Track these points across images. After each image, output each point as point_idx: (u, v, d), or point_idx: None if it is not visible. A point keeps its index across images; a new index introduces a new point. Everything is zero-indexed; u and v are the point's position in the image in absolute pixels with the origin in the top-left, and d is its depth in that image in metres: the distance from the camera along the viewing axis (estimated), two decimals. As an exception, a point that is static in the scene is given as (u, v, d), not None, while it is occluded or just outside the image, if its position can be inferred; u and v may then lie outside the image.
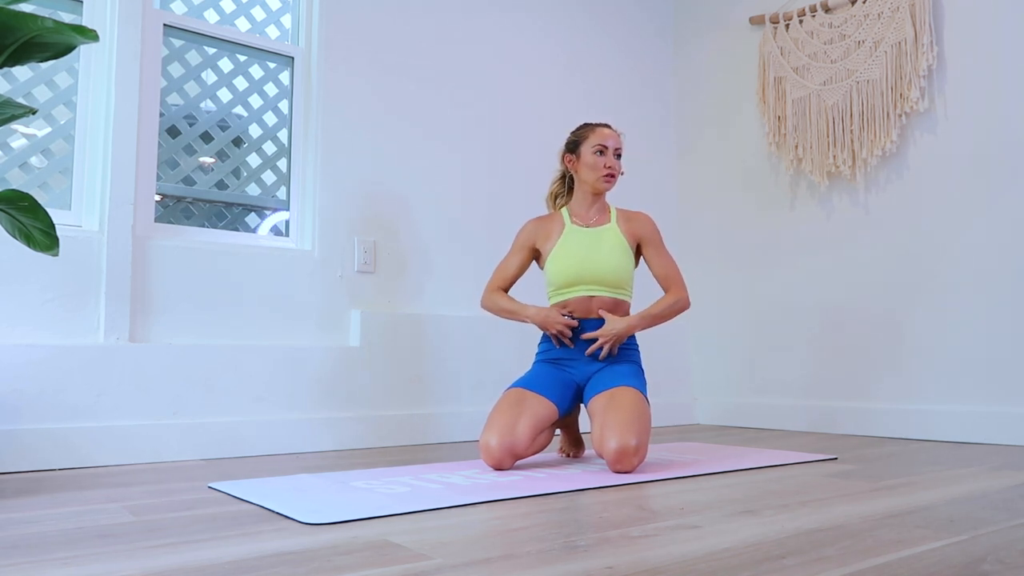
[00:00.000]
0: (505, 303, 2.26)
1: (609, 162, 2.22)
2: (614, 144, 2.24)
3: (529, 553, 1.14)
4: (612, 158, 2.23)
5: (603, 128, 2.26)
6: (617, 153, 2.25)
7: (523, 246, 2.31)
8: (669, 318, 2.21)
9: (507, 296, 2.28)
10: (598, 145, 2.22)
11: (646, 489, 1.73)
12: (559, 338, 2.18)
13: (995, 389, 2.69)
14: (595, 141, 2.23)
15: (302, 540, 1.23)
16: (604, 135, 2.24)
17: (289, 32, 2.85)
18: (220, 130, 2.67)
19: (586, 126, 2.29)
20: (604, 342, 2.14)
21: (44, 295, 2.22)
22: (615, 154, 2.24)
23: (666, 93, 3.88)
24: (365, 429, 2.67)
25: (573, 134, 2.31)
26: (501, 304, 2.26)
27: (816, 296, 3.26)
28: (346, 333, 2.75)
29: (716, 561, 1.09)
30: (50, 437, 2.12)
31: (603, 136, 2.24)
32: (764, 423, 3.38)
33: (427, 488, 1.71)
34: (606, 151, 2.23)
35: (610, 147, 2.23)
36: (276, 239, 2.73)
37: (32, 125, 2.34)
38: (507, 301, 2.26)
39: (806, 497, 1.61)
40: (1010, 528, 1.30)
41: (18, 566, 1.09)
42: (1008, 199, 2.71)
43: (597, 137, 2.23)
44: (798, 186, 3.36)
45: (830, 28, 3.24)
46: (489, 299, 2.29)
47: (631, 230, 2.25)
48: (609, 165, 2.22)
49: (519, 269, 2.31)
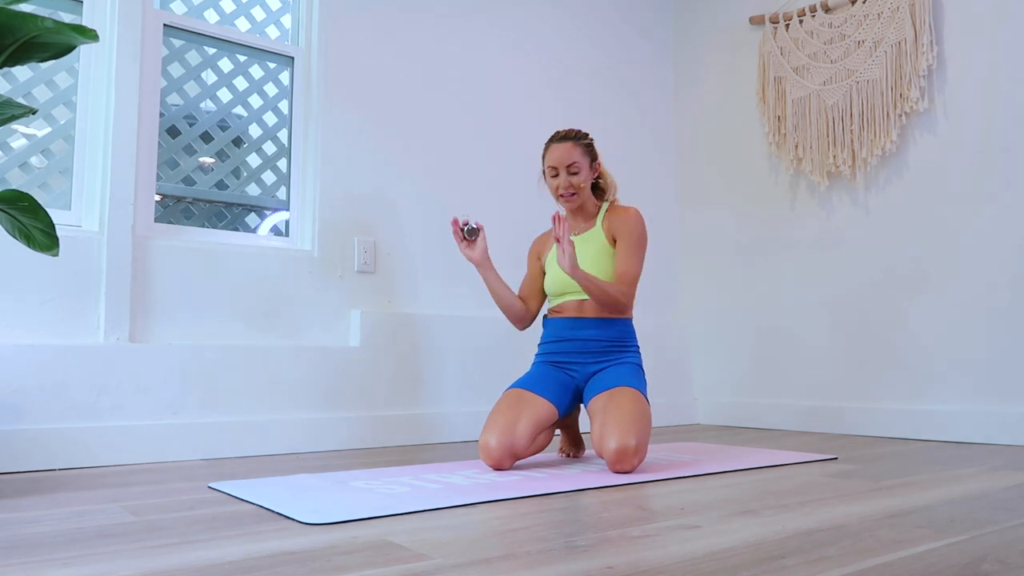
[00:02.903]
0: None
1: (563, 185, 2.19)
2: (565, 162, 2.17)
3: (529, 553, 1.14)
4: (564, 177, 2.18)
5: (554, 146, 2.20)
6: (571, 170, 2.18)
7: (531, 259, 2.37)
8: (600, 299, 2.08)
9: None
10: (549, 168, 2.20)
11: (646, 489, 1.73)
12: (459, 236, 2.18)
13: (995, 389, 2.69)
14: (547, 164, 2.21)
15: (302, 540, 1.23)
16: (554, 156, 2.19)
17: (289, 32, 2.85)
18: (220, 130, 2.67)
19: (546, 144, 2.24)
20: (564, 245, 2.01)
21: (44, 295, 2.22)
22: (570, 171, 2.18)
23: (666, 93, 3.88)
24: (365, 429, 2.67)
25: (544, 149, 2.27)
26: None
27: (816, 296, 3.26)
28: (346, 333, 2.75)
29: (716, 561, 1.09)
30: (50, 437, 2.12)
31: (553, 158, 2.19)
32: (764, 423, 3.38)
33: (427, 488, 1.71)
34: (558, 173, 2.19)
35: (561, 167, 2.18)
36: (276, 239, 2.73)
37: (32, 125, 2.34)
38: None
39: (806, 497, 1.61)
40: (1010, 528, 1.30)
41: (18, 566, 1.09)
42: (1008, 199, 2.71)
43: (548, 159, 2.20)
44: (798, 186, 3.36)
45: (830, 28, 3.24)
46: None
47: (611, 228, 2.21)
48: (563, 189, 2.19)
49: (533, 278, 2.34)
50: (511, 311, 2.27)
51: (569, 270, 2.00)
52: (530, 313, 2.32)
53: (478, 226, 2.19)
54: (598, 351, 2.17)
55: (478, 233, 2.19)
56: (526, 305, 2.31)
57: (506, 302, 2.26)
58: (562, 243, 2.00)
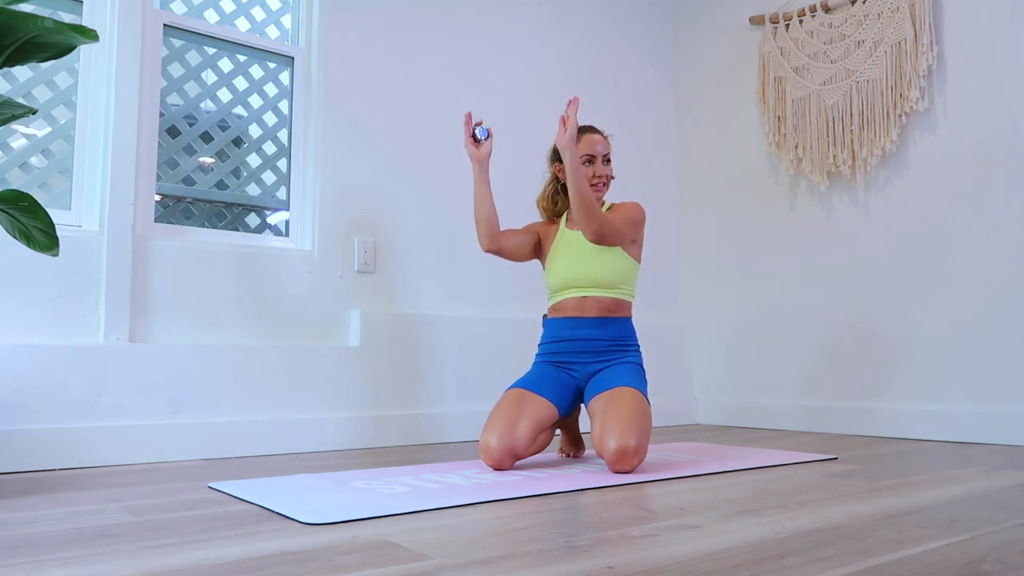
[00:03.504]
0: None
1: (599, 171, 2.19)
2: (602, 150, 2.20)
3: (529, 553, 1.14)
4: (601, 166, 2.20)
5: (589, 135, 2.21)
6: (605, 159, 2.21)
7: (530, 228, 2.33)
8: (584, 203, 2.03)
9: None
10: (585, 155, 2.18)
11: (646, 489, 1.73)
12: (469, 132, 2.17)
13: (995, 389, 2.69)
14: (582, 151, 2.18)
15: (302, 540, 1.23)
16: (591, 143, 2.19)
17: (289, 32, 2.85)
18: (220, 130, 2.67)
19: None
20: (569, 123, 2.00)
21: (44, 295, 2.22)
22: (603, 160, 2.21)
23: (666, 93, 3.88)
24: (365, 429, 2.67)
25: None
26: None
27: (816, 296, 3.26)
28: (346, 333, 2.75)
29: (716, 561, 1.09)
30: (50, 437, 2.12)
31: (590, 145, 2.19)
32: (764, 423, 3.38)
33: (427, 488, 1.71)
34: (594, 160, 2.19)
35: (598, 155, 2.19)
36: (276, 239, 2.73)
37: (32, 125, 2.34)
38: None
39: (806, 497, 1.61)
40: (1010, 528, 1.30)
41: (18, 566, 1.09)
42: (1008, 199, 2.71)
43: (584, 146, 2.18)
44: (798, 186, 3.36)
45: (830, 28, 3.24)
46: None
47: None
48: (599, 175, 2.19)
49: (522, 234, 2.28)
50: (487, 222, 2.19)
51: (566, 141, 1.99)
52: (501, 239, 2.23)
53: (489, 133, 2.19)
54: (599, 350, 2.17)
55: (488, 138, 2.19)
56: (502, 233, 2.24)
57: (486, 211, 2.19)
58: (568, 122, 1.99)
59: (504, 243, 2.24)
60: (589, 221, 2.05)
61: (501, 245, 2.24)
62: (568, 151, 2.01)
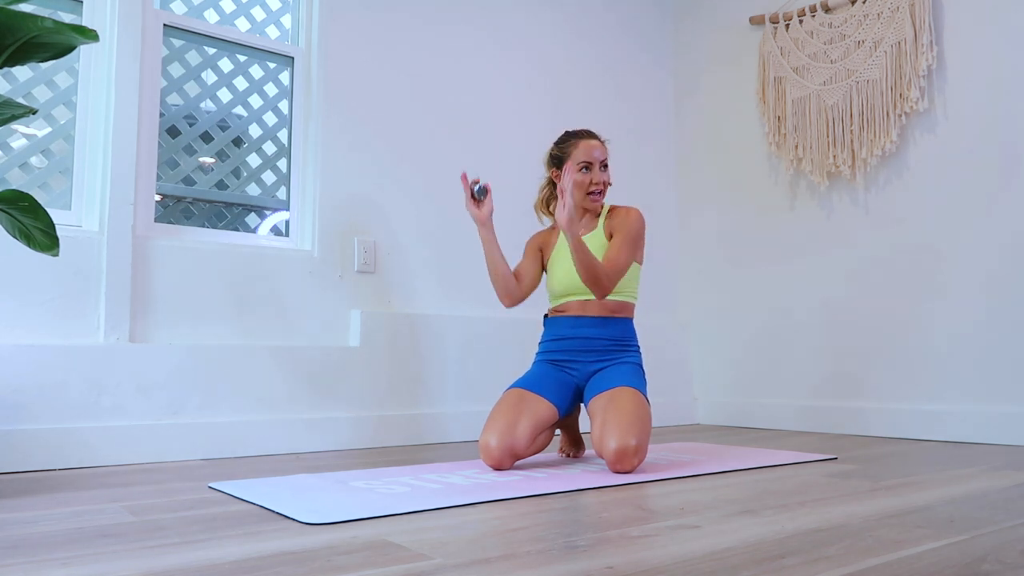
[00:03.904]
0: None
1: (596, 178, 2.17)
2: (599, 156, 2.17)
3: (529, 553, 1.14)
4: (598, 172, 2.17)
5: (586, 141, 2.18)
6: (603, 164, 2.19)
7: (529, 247, 2.32)
8: (586, 266, 2.00)
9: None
10: (582, 162, 2.16)
11: (646, 489, 1.73)
12: (468, 193, 2.13)
13: (995, 389, 2.69)
14: (579, 158, 2.16)
15: (302, 540, 1.23)
16: (588, 150, 2.17)
17: (289, 32, 2.85)
18: (220, 130, 2.67)
19: (569, 139, 2.21)
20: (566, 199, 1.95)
21: (44, 295, 2.22)
22: (601, 166, 2.18)
23: (666, 93, 3.88)
24: (365, 429, 2.67)
25: (557, 147, 2.24)
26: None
27: (816, 296, 3.26)
28: (346, 333, 2.75)
29: (716, 561, 1.09)
30: (50, 437, 2.12)
31: (587, 151, 2.17)
32: (764, 423, 3.38)
33: (427, 488, 1.71)
34: (592, 166, 2.17)
35: (595, 161, 2.17)
36: (276, 239, 2.73)
37: (32, 125, 2.34)
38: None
39: (806, 497, 1.61)
40: (1010, 528, 1.30)
41: (18, 566, 1.09)
42: (1008, 199, 2.71)
43: (581, 153, 2.16)
44: (798, 186, 3.36)
45: (830, 28, 3.24)
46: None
47: (611, 227, 2.19)
48: (596, 181, 2.17)
49: (529, 262, 2.28)
50: (503, 281, 2.18)
51: (566, 224, 1.94)
52: (520, 291, 2.23)
53: (487, 189, 2.15)
54: (599, 350, 2.17)
55: (487, 194, 2.15)
56: (518, 283, 2.24)
57: (500, 270, 2.17)
58: (564, 196, 1.93)
59: (523, 291, 2.24)
60: (597, 288, 2.05)
61: (520, 296, 2.24)
62: (569, 234, 1.96)
